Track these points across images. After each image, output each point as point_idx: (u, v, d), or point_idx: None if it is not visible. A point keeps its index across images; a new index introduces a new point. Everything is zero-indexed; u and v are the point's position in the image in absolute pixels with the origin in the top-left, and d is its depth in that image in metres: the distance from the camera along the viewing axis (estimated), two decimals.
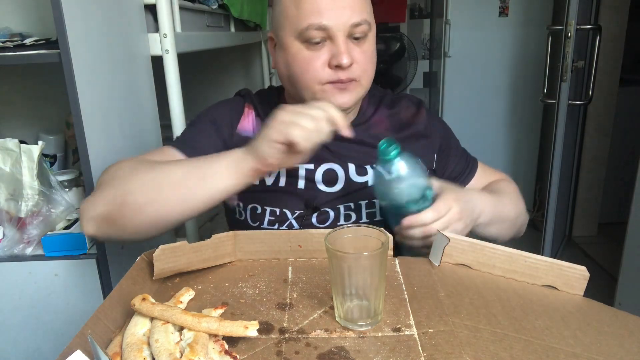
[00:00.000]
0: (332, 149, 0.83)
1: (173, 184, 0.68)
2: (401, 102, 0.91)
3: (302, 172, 0.83)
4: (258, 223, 0.84)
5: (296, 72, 0.78)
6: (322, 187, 0.83)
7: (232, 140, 0.85)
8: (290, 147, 0.63)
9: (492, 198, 0.81)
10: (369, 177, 0.84)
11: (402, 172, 0.70)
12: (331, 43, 0.75)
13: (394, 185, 0.70)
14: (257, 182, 0.82)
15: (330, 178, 0.83)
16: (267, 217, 0.83)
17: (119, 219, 0.68)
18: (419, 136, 0.89)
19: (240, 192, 0.84)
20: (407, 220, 0.70)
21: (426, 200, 0.72)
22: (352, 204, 0.83)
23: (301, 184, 0.83)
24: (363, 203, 0.83)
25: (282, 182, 0.83)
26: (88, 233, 0.71)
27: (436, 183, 0.76)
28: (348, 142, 0.81)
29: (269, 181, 0.84)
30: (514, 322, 0.55)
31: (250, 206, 0.84)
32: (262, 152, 0.65)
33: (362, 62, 0.77)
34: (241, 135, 0.85)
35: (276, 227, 0.83)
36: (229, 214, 0.92)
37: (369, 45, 0.79)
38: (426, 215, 0.69)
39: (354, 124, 0.87)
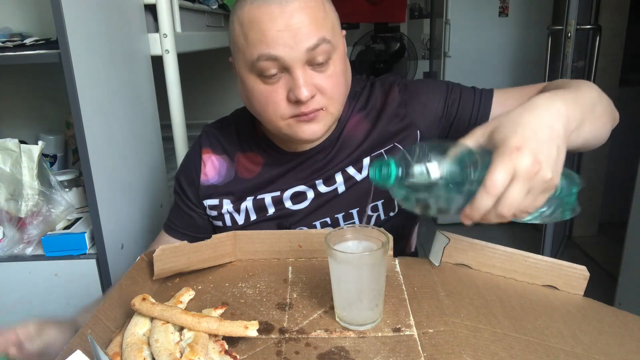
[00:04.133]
0: (299, 171, 0.80)
1: None
2: (374, 89, 0.82)
3: (268, 201, 0.80)
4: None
5: (256, 107, 0.72)
6: (290, 205, 0.80)
7: (202, 193, 0.83)
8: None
9: (561, 93, 0.57)
10: (338, 184, 0.79)
11: (419, 180, 0.51)
12: (288, 75, 0.67)
13: (422, 196, 0.53)
14: (229, 224, 0.82)
15: (298, 198, 0.80)
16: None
17: None
18: (393, 118, 0.80)
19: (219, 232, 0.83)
20: (464, 218, 0.52)
21: (474, 178, 0.50)
22: (328, 219, 0.80)
23: (270, 210, 0.81)
24: (340, 216, 0.80)
25: (253, 217, 0.81)
26: None
27: (479, 135, 0.54)
28: (332, 158, 0.80)
29: (240, 220, 0.82)
30: (514, 322, 0.55)
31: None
32: None
33: (328, 89, 0.69)
34: (205, 185, 0.83)
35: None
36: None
37: (335, 67, 0.69)
38: (482, 200, 0.48)
39: (332, 138, 0.81)
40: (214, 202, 0.83)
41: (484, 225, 0.57)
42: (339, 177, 0.80)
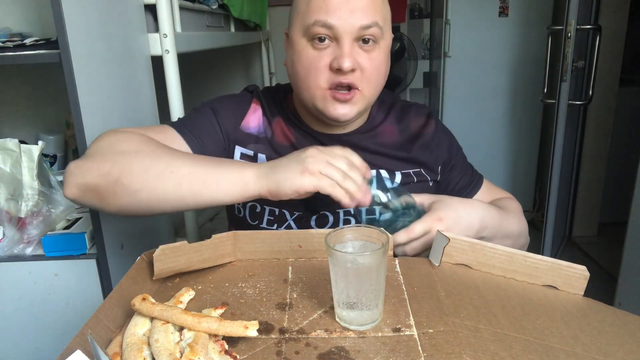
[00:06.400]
0: None
1: (174, 181, 0.66)
2: (410, 111, 0.90)
3: None
4: (257, 222, 0.84)
5: (299, 71, 0.76)
6: None
7: (235, 135, 0.84)
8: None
9: (497, 212, 0.79)
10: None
11: (377, 200, 0.74)
12: (336, 44, 0.73)
13: (389, 216, 0.75)
14: None
15: None
16: (266, 217, 0.83)
17: (108, 195, 0.67)
18: (426, 147, 0.88)
19: None
20: (394, 236, 0.71)
21: (415, 216, 0.74)
22: (351, 209, 0.82)
23: None
24: (363, 209, 0.82)
25: None
26: (68, 197, 0.69)
27: (427, 199, 0.76)
28: (352, 149, 0.82)
29: None
30: (514, 322, 0.55)
31: (249, 204, 0.84)
32: (281, 189, 0.64)
33: (367, 70, 0.74)
34: (244, 131, 0.85)
35: (275, 227, 0.83)
36: (229, 209, 0.91)
37: (379, 54, 0.75)
38: (399, 236, 0.70)
39: (362, 130, 0.86)
40: (249, 152, 0.84)
41: None
42: (372, 172, 0.82)
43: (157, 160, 0.68)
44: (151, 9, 1.19)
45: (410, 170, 0.86)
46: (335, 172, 0.63)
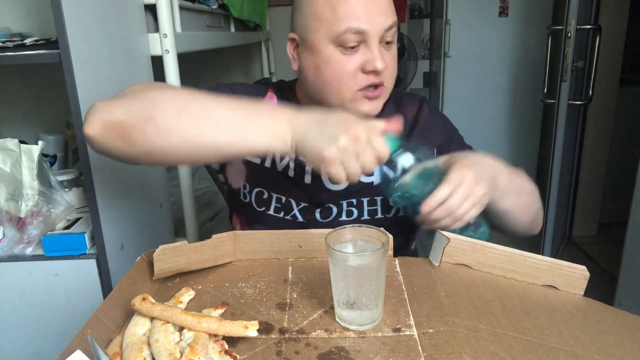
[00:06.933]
0: None
1: (212, 124, 0.62)
2: (404, 101, 0.91)
3: (308, 168, 0.83)
4: (264, 208, 0.85)
5: (328, 77, 0.76)
6: (327, 184, 0.83)
7: None
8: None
9: (505, 166, 0.76)
10: (375, 178, 0.84)
11: (406, 165, 0.68)
12: (365, 48, 0.74)
13: (402, 181, 0.68)
14: (268, 165, 0.84)
15: None
16: (273, 204, 0.84)
17: (136, 134, 0.62)
18: (422, 133, 0.88)
19: (248, 174, 0.85)
20: (425, 206, 0.66)
21: (438, 181, 0.67)
22: (354, 200, 0.83)
23: (308, 179, 0.83)
24: (365, 200, 0.84)
25: (291, 172, 0.83)
26: (88, 133, 0.64)
27: (443, 158, 0.75)
28: None
29: (280, 166, 0.84)
30: (514, 322, 0.55)
31: (256, 190, 0.85)
32: (305, 158, 0.62)
33: (390, 66, 0.77)
34: None
35: (282, 214, 0.84)
36: (233, 196, 0.90)
37: (395, 50, 0.79)
38: (441, 192, 0.65)
39: None
40: None
41: None
42: (376, 171, 0.83)
43: (195, 101, 0.64)
44: (151, 9, 1.19)
45: None
46: (356, 167, 0.61)
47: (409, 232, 0.89)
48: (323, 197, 0.83)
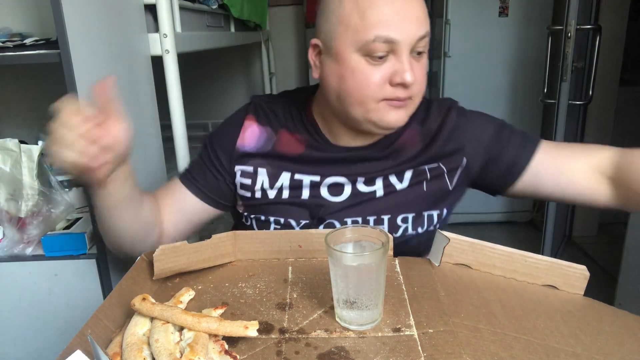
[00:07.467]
0: (341, 166, 0.81)
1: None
2: (431, 110, 0.84)
3: (306, 182, 0.81)
4: (264, 230, 0.83)
5: (351, 86, 0.71)
6: (327, 196, 0.81)
7: (234, 155, 0.83)
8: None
9: None
10: (377, 187, 0.80)
11: None
12: (394, 58, 0.69)
13: None
14: (258, 196, 0.82)
15: (336, 189, 0.81)
16: (272, 226, 0.82)
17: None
18: (446, 139, 0.82)
19: (244, 204, 0.84)
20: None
21: None
22: (359, 219, 0.81)
23: (305, 193, 0.81)
24: (371, 219, 0.80)
25: (285, 194, 0.81)
26: None
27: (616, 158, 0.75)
28: (361, 160, 0.80)
29: (272, 194, 0.82)
30: (514, 322, 0.55)
31: (254, 216, 0.84)
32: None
33: (419, 78, 0.72)
34: (240, 150, 0.83)
35: None
36: (238, 219, 0.91)
37: (426, 61, 0.74)
38: None
39: (381, 146, 0.82)
40: (248, 168, 0.83)
41: (483, 225, 0.60)
42: (379, 182, 0.81)
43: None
44: (151, 9, 1.19)
45: (426, 167, 0.82)
46: (67, 152, 0.63)
47: (415, 254, 0.87)
48: (324, 211, 0.80)
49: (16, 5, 1.24)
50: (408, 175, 0.81)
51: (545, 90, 2.13)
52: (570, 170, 0.79)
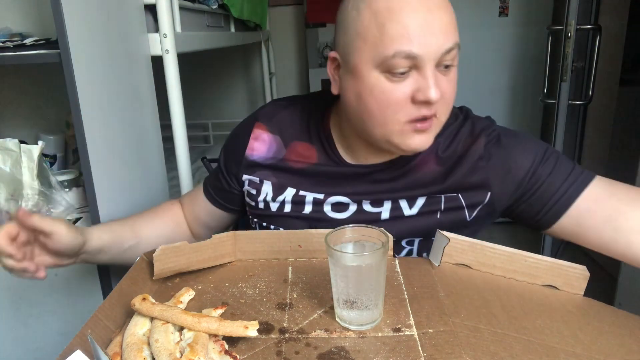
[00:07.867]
0: (347, 185, 0.78)
1: None
2: (463, 129, 0.76)
3: (309, 199, 0.78)
4: None
5: (372, 107, 0.65)
6: (330, 213, 0.78)
7: (244, 167, 0.83)
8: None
9: None
10: (384, 209, 0.76)
11: None
12: (417, 73, 0.63)
13: None
14: (261, 207, 0.82)
15: (340, 207, 0.78)
16: None
17: None
18: (470, 169, 0.74)
19: (250, 212, 0.85)
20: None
21: None
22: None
23: (308, 209, 0.79)
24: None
25: (288, 208, 0.80)
26: None
27: None
28: (371, 181, 0.77)
29: (274, 207, 0.80)
30: (514, 322, 0.55)
31: (257, 220, 0.85)
32: None
33: (447, 94, 0.65)
34: (249, 159, 0.82)
35: None
36: (247, 227, 0.90)
37: (455, 74, 0.67)
38: None
39: (396, 165, 0.76)
40: (255, 179, 0.82)
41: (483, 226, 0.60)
42: (387, 204, 0.76)
43: None
44: (151, 9, 1.19)
45: (442, 196, 0.74)
46: None
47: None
48: (324, 226, 0.75)
49: (16, 5, 1.24)
50: (420, 202, 0.75)
51: (545, 90, 2.13)
52: (625, 222, 0.70)
